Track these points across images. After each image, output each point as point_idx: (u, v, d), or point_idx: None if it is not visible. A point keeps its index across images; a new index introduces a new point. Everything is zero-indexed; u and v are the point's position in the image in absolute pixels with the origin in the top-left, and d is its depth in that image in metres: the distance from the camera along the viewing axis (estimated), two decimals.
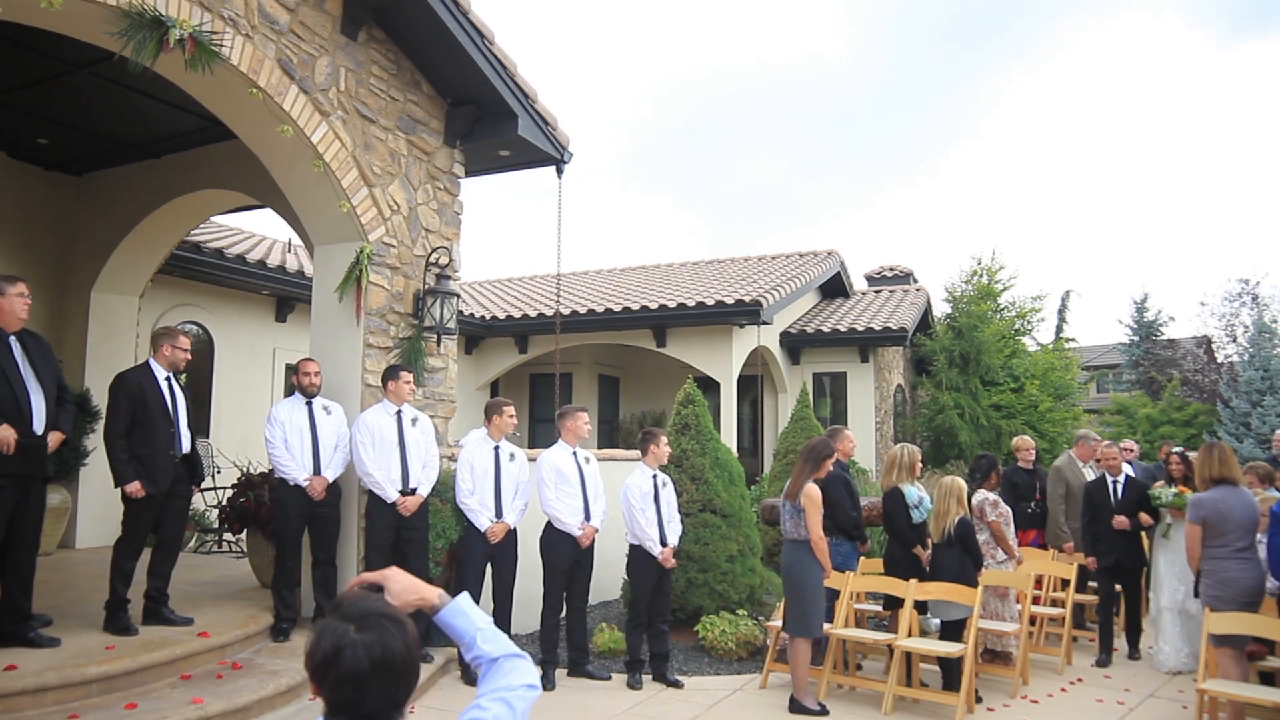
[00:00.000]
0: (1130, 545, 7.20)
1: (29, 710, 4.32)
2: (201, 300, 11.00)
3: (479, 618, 1.86)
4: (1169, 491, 7.12)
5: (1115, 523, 7.09)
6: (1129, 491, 7.24)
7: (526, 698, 1.75)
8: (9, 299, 4.81)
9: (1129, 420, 21.63)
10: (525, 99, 7.41)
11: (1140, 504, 7.14)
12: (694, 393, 8.01)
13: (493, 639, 1.82)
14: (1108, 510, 7.19)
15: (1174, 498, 7.03)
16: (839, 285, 18.08)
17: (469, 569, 6.16)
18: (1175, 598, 6.83)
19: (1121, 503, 7.21)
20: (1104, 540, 7.19)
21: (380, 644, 1.55)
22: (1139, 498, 7.16)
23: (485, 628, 1.84)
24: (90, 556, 7.72)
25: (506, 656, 1.79)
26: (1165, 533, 7.06)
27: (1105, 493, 7.30)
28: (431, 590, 1.88)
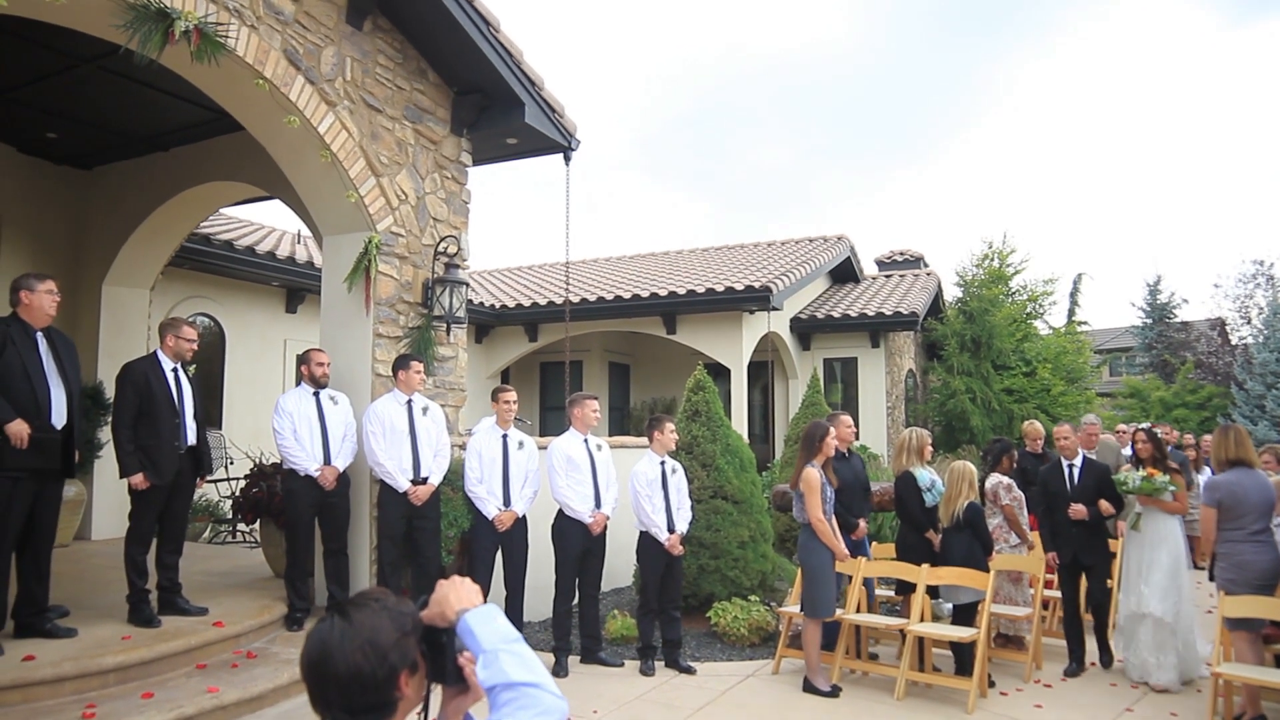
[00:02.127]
0: (1091, 538, 6.42)
1: (47, 700, 4.37)
2: (212, 292, 11.03)
3: (488, 638, 1.58)
4: (1135, 476, 6.29)
5: (1071, 512, 6.36)
6: (1086, 476, 6.49)
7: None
8: (38, 295, 4.85)
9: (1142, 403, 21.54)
10: (532, 86, 7.39)
11: (1101, 490, 6.41)
12: (704, 379, 8.00)
13: (491, 664, 1.54)
14: (1064, 499, 6.45)
15: (1142, 482, 6.25)
16: (849, 270, 18.01)
17: (479, 557, 6.18)
18: (1145, 599, 6.07)
19: (1078, 489, 6.47)
20: (1062, 533, 6.47)
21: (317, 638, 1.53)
22: (1098, 483, 6.44)
23: (489, 650, 1.56)
24: (105, 548, 7.78)
25: (503, 686, 1.50)
26: (1135, 524, 6.34)
27: (1061, 479, 6.54)
28: (454, 606, 1.65)
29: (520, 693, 1.49)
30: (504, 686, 1.49)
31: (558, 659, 6.21)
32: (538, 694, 1.49)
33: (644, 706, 5.50)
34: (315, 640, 1.53)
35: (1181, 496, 6.25)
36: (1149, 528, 6.26)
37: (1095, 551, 6.46)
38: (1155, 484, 6.18)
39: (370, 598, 1.60)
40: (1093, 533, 6.42)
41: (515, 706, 1.47)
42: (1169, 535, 6.18)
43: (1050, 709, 5.53)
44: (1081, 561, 6.40)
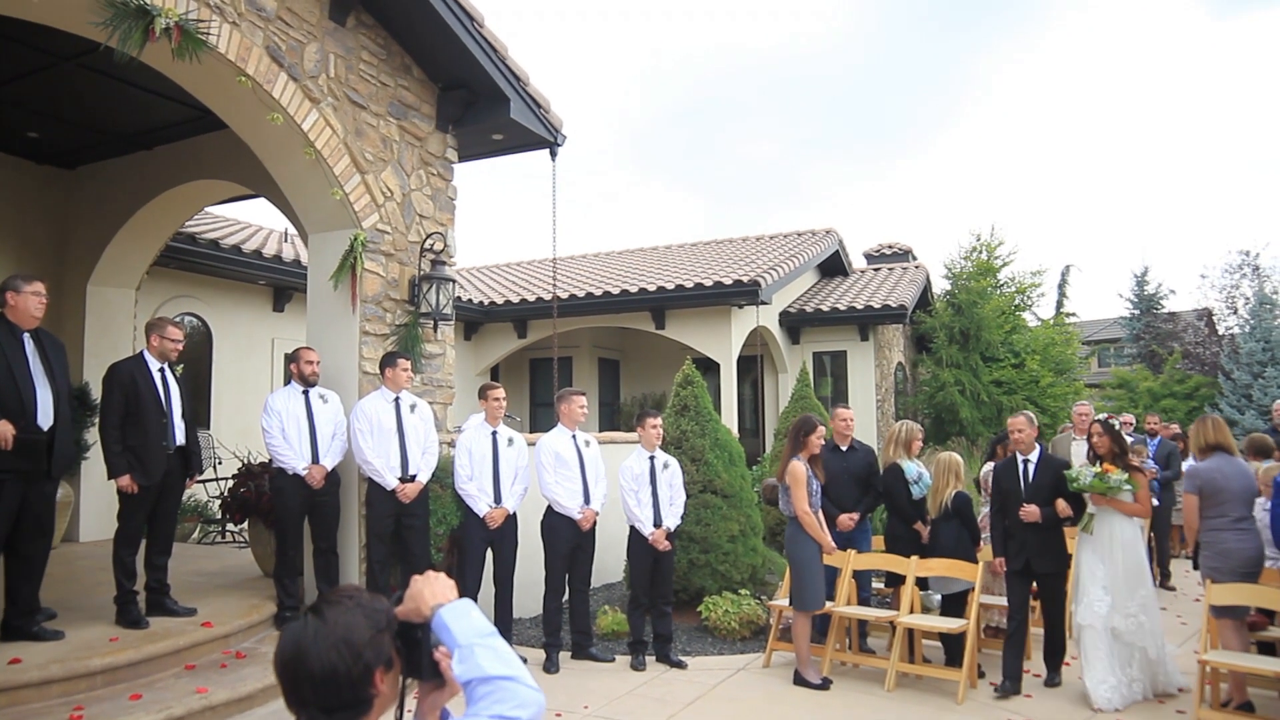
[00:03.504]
0: (1045, 542, 5.75)
1: (34, 703, 4.34)
2: (198, 291, 10.97)
3: (464, 632, 1.58)
4: (1088, 472, 5.65)
5: (1022, 513, 5.69)
6: (1042, 474, 5.80)
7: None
8: (24, 297, 4.82)
9: (1130, 394, 21.63)
10: (517, 82, 7.36)
11: (1058, 489, 5.73)
12: (693, 374, 8.00)
13: (467, 658, 1.54)
14: (1017, 498, 5.81)
15: (1093, 480, 5.58)
16: (838, 264, 18.02)
17: (469, 554, 6.18)
18: (1098, 611, 5.53)
19: (1032, 487, 5.80)
20: (1015, 536, 5.83)
21: (290, 637, 1.52)
22: (1055, 482, 5.74)
23: (465, 644, 1.56)
24: (93, 550, 7.74)
25: (479, 680, 1.51)
26: (1087, 526, 5.72)
27: (1015, 476, 5.90)
28: (429, 601, 1.64)
29: (496, 686, 1.49)
30: (480, 680, 1.49)
31: (548, 655, 6.21)
32: (514, 687, 1.50)
33: (635, 701, 5.50)
34: (289, 639, 1.52)
35: (1144, 497, 5.62)
36: (1104, 531, 5.66)
37: (1050, 557, 5.75)
38: (1109, 482, 5.54)
39: (344, 595, 1.58)
40: (1048, 536, 5.73)
41: (492, 700, 1.47)
42: (1127, 539, 5.61)
43: (1040, 699, 5.55)
44: (1034, 568, 5.74)
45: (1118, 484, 5.55)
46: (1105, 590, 5.58)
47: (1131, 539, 5.64)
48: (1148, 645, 5.50)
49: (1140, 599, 5.53)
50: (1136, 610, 5.50)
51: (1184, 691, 5.59)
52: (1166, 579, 9.51)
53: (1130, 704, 5.40)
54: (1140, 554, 5.66)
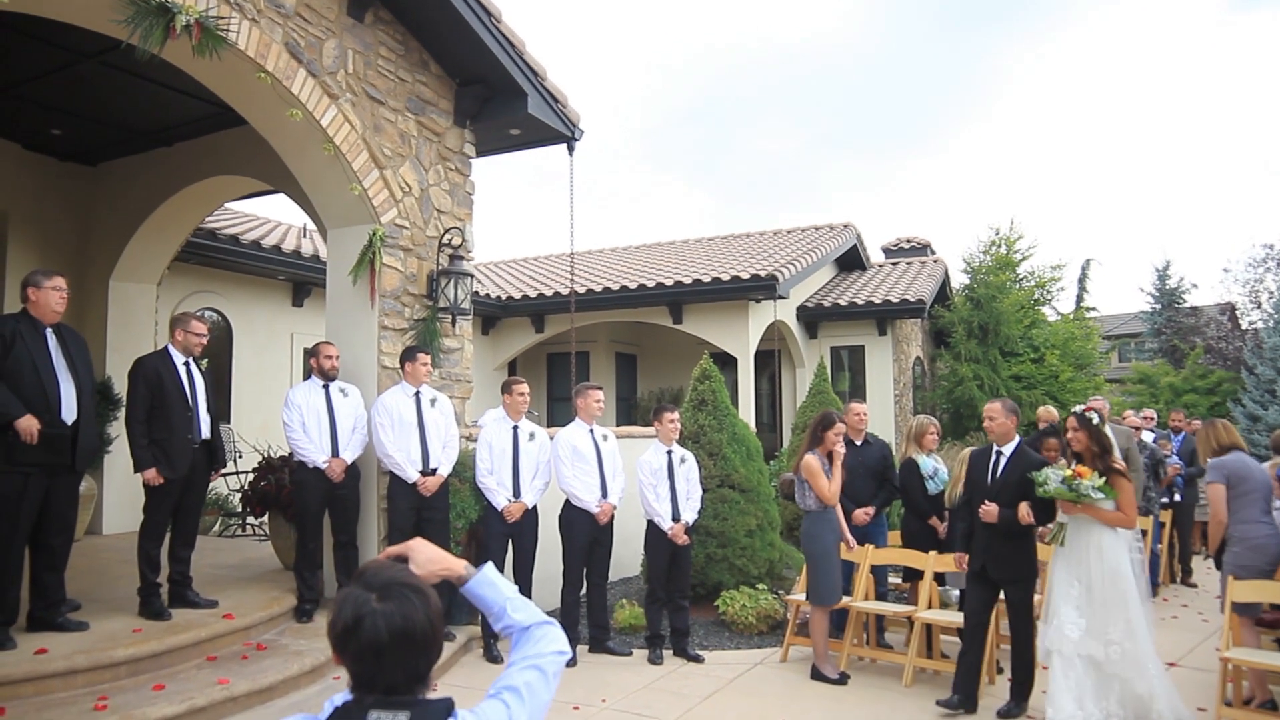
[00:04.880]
0: (1006, 547, 5.08)
1: (59, 692, 4.40)
2: (218, 287, 11.05)
3: (507, 587, 1.87)
4: (1055, 475, 4.88)
5: (981, 512, 5.11)
6: (1011, 470, 5.14)
7: (558, 663, 1.76)
8: (45, 292, 4.87)
9: (1151, 389, 21.44)
10: (534, 77, 7.37)
11: (1024, 490, 5.02)
12: (710, 368, 8.00)
13: (523, 608, 1.84)
14: (983, 493, 5.23)
15: (1061, 484, 4.84)
16: (855, 258, 17.95)
17: (489, 548, 6.20)
18: (1068, 635, 4.84)
19: (998, 484, 5.17)
20: (977, 535, 5.24)
21: (401, 614, 1.54)
22: (1022, 480, 5.03)
23: (514, 597, 1.85)
24: (116, 542, 7.83)
25: (537, 624, 1.81)
26: (1058, 538, 5.01)
27: (985, 468, 5.30)
28: (458, 561, 1.88)
29: (549, 628, 1.82)
30: (539, 624, 1.81)
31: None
32: (557, 629, 1.84)
33: (653, 695, 5.52)
34: (395, 612, 1.54)
35: (1127, 504, 4.85)
36: (1081, 542, 4.94)
37: (1009, 564, 5.10)
38: (1078, 488, 4.78)
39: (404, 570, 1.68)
40: (1008, 540, 5.09)
41: (549, 640, 1.79)
42: (1108, 552, 4.86)
43: None
44: (990, 574, 5.17)
45: (1085, 490, 4.78)
46: (1079, 611, 4.83)
47: (1114, 552, 4.87)
48: (1133, 676, 4.73)
49: (1125, 623, 4.77)
50: (1120, 636, 4.75)
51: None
52: (1188, 575, 9.45)
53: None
54: (1124, 569, 4.84)
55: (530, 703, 1.66)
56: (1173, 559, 9.48)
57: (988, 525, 5.12)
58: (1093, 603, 4.82)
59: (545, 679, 1.71)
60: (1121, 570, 4.84)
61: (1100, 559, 4.86)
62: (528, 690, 1.66)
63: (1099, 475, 4.83)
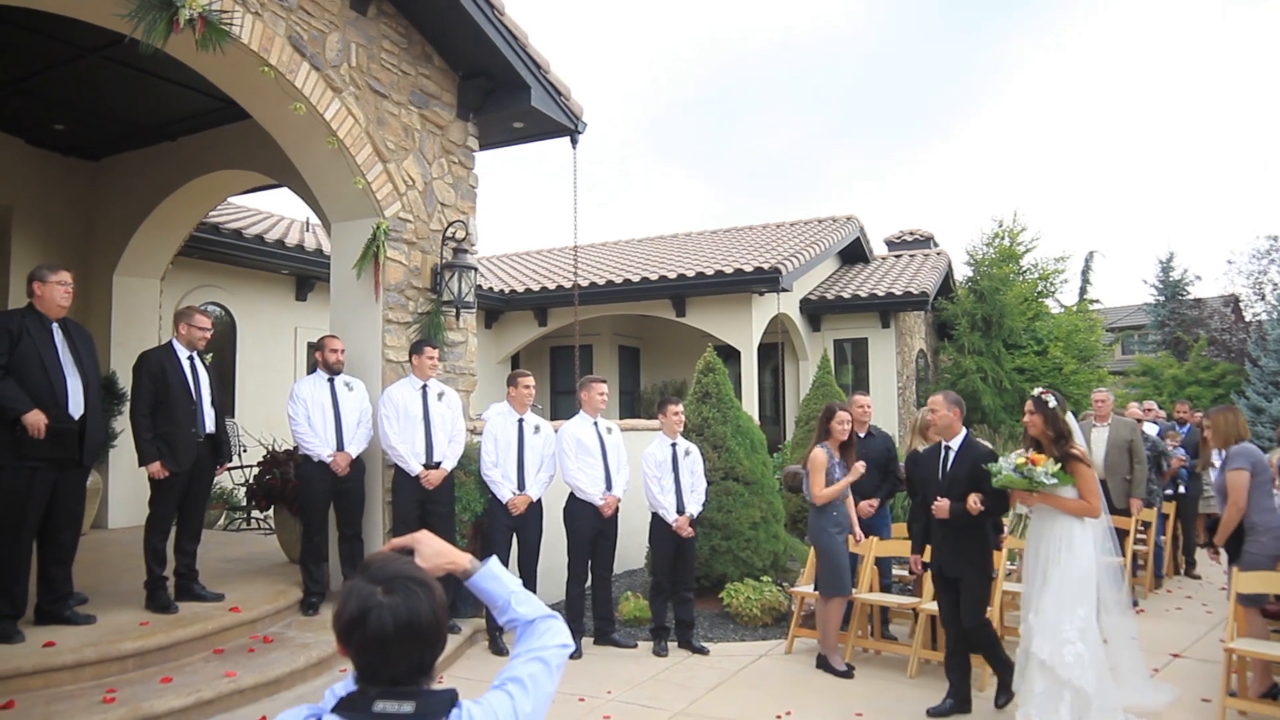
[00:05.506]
0: (958, 543, 4.96)
1: (68, 685, 4.42)
2: (222, 281, 11.07)
3: (511, 581, 1.89)
4: (1010, 462, 4.65)
5: (934, 508, 5.00)
6: (959, 463, 5.00)
7: (561, 655, 1.78)
8: (50, 287, 4.87)
9: (1155, 381, 21.44)
10: (538, 70, 7.36)
11: (975, 482, 4.84)
12: (714, 361, 8.00)
13: (527, 601, 1.86)
14: (935, 489, 5.08)
15: (1010, 473, 4.59)
16: (859, 251, 17.93)
17: (494, 540, 6.21)
18: (1030, 636, 4.58)
19: (948, 478, 5.01)
20: (933, 533, 5.14)
21: (406, 607, 1.54)
22: (971, 473, 4.87)
23: (518, 590, 1.88)
24: (122, 536, 7.85)
25: (541, 618, 1.83)
26: (1016, 528, 4.86)
27: (934, 465, 5.15)
28: (463, 555, 1.90)
29: (553, 622, 1.84)
30: (543, 618, 1.83)
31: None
32: (560, 623, 1.86)
33: (658, 686, 5.53)
34: (400, 605, 1.55)
35: (1089, 493, 4.58)
36: (1041, 534, 4.68)
37: (963, 561, 4.94)
38: (1031, 475, 4.52)
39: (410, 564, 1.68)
40: (960, 536, 4.95)
41: (553, 634, 1.81)
42: (1068, 545, 4.58)
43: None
44: (944, 571, 5.05)
45: (1040, 478, 4.52)
46: (1037, 609, 4.58)
47: (1081, 545, 4.58)
48: (1086, 683, 4.37)
49: (1080, 621, 4.45)
50: (1075, 636, 4.42)
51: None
52: (1192, 567, 9.45)
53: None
54: (1086, 564, 4.55)
55: (534, 694, 1.68)
56: (1176, 551, 9.48)
57: (941, 522, 4.99)
58: (1047, 598, 4.54)
59: (549, 671, 1.73)
60: (1083, 566, 4.53)
61: (1060, 553, 4.57)
62: (531, 682, 1.68)
63: (1055, 462, 4.56)
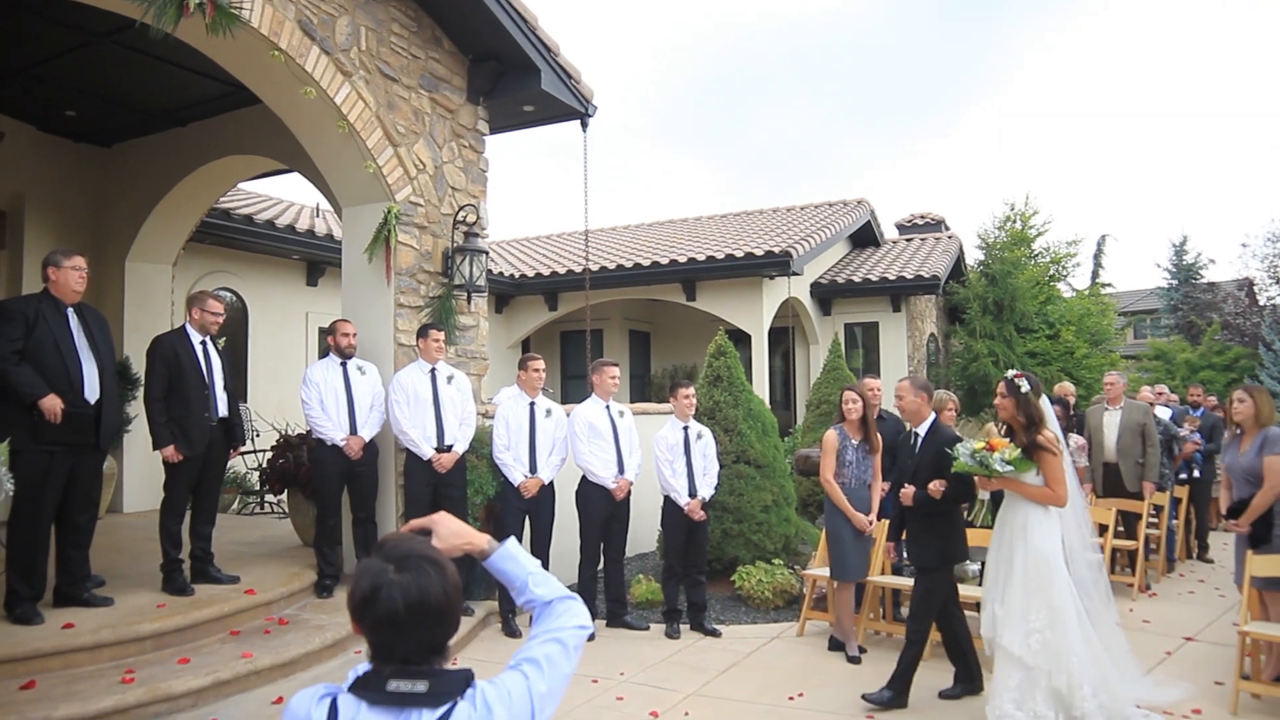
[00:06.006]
0: (923, 530, 4.90)
1: (87, 666, 4.47)
2: (233, 266, 11.10)
3: (529, 562, 1.87)
4: (968, 447, 4.54)
5: (900, 495, 4.94)
6: (925, 450, 4.91)
7: (578, 637, 1.76)
8: (64, 272, 4.90)
9: (1167, 365, 21.33)
10: (547, 53, 7.33)
11: (939, 468, 4.75)
12: (726, 344, 7.99)
13: (544, 582, 1.84)
14: (904, 476, 5.05)
15: (969, 458, 4.48)
16: (870, 234, 17.86)
17: (506, 523, 6.24)
18: (996, 628, 4.49)
19: (912, 464, 4.96)
20: (908, 522, 5.10)
21: (417, 585, 1.55)
22: (936, 459, 4.76)
23: (536, 571, 1.85)
24: (137, 520, 7.91)
25: (559, 599, 1.80)
26: (977, 516, 4.66)
27: (910, 451, 5.10)
28: (480, 536, 1.87)
29: (571, 603, 1.81)
30: (560, 599, 1.80)
31: None
32: (579, 604, 1.82)
33: (670, 668, 5.55)
34: (411, 584, 1.56)
35: (1055, 481, 4.44)
36: (1004, 522, 4.59)
37: (925, 550, 4.88)
38: (986, 461, 4.42)
39: (423, 543, 1.68)
40: (925, 524, 4.88)
41: (571, 615, 1.78)
42: (1031, 532, 4.48)
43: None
44: (912, 560, 5.01)
45: (995, 465, 4.42)
46: (1004, 601, 4.49)
47: (1041, 533, 4.48)
48: (1051, 669, 4.31)
49: (1048, 609, 4.36)
50: (1041, 625, 4.34)
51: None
52: (1205, 551, 9.43)
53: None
54: (1050, 552, 4.44)
55: (550, 675, 1.65)
56: (1189, 535, 9.46)
57: (911, 510, 4.92)
58: (1013, 587, 4.45)
59: (566, 652, 1.70)
60: (1047, 553, 4.43)
61: (1024, 539, 4.47)
62: (548, 662, 1.66)
63: (1017, 448, 4.45)
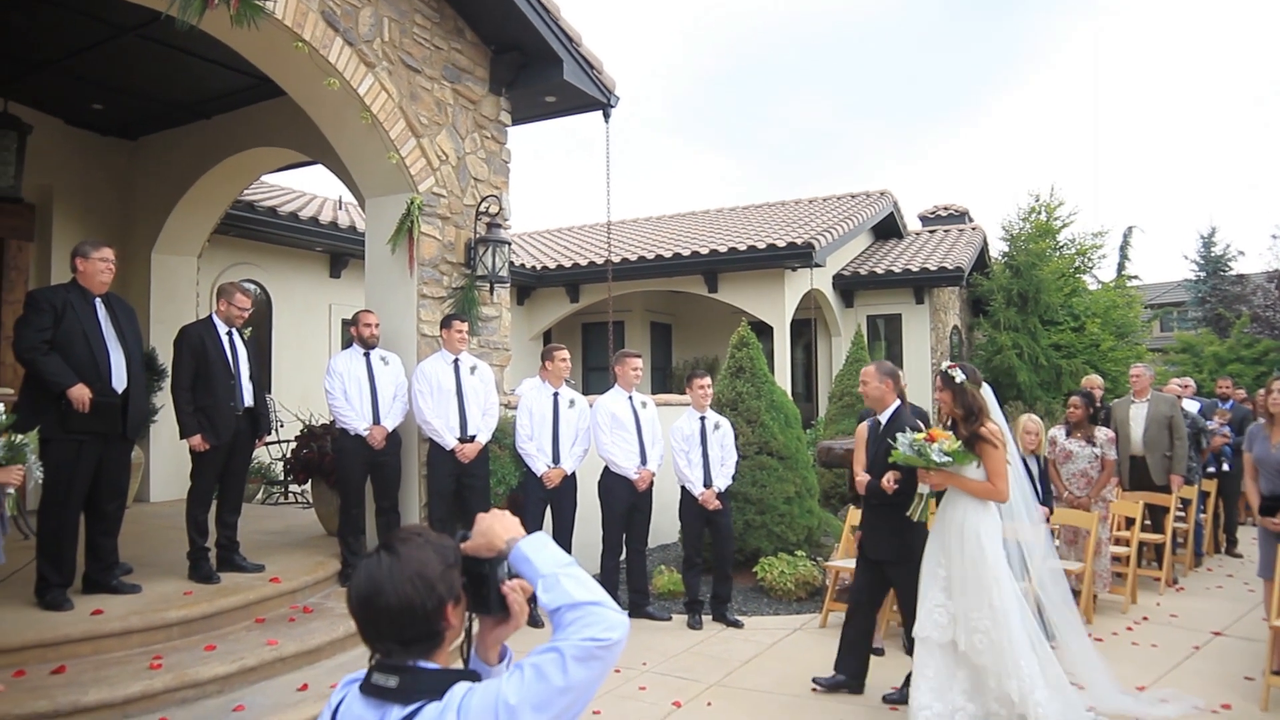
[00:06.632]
0: (878, 523, 4.80)
1: (116, 651, 4.51)
2: (258, 259, 11.17)
3: (545, 563, 1.63)
4: (907, 437, 4.44)
5: (856, 484, 4.89)
6: (881, 440, 4.83)
7: (586, 649, 1.49)
8: (92, 263, 4.94)
9: (1195, 358, 21.09)
10: (570, 43, 7.31)
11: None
12: (748, 335, 7.97)
13: (552, 587, 1.59)
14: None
15: (908, 449, 4.40)
16: (892, 226, 17.74)
17: (528, 514, 6.26)
18: (937, 620, 4.36)
19: (872, 453, 4.90)
20: (863, 512, 5.06)
21: (367, 577, 1.57)
22: (890, 449, 4.58)
23: (548, 574, 1.61)
24: (164, 509, 7.99)
25: (568, 607, 1.55)
26: (916, 510, 4.55)
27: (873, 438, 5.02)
28: (502, 535, 1.70)
29: (585, 611, 1.55)
30: (569, 607, 1.55)
31: None
32: (601, 611, 1.55)
33: (693, 659, 5.55)
34: (364, 576, 1.57)
35: (995, 475, 4.34)
36: (950, 517, 4.45)
37: (884, 542, 4.79)
38: (924, 452, 4.32)
39: (413, 532, 1.64)
40: (880, 516, 4.81)
41: (582, 624, 1.53)
42: (978, 529, 4.35)
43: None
44: (867, 552, 4.90)
45: (934, 456, 4.31)
46: (946, 594, 4.38)
47: (980, 530, 4.36)
48: (1000, 671, 4.19)
49: (989, 609, 4.25)
50: (986, 625, 4.23)
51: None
52: (1233, 546, 9.33)
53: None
54: (990, 550, 4.33)
55: (530, 687, 1.45)
56: (1217, 529, 9.35)
57: (866, 500, 4.83)
58: (953, 585, 4.35)
59: (561, 663, 1.47)
60: (987, 551, 4.31)
61: (961, 536, 4.36)
62: (534, 673, 1.47)
63: (957, 440, 4.34)
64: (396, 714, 1.50)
